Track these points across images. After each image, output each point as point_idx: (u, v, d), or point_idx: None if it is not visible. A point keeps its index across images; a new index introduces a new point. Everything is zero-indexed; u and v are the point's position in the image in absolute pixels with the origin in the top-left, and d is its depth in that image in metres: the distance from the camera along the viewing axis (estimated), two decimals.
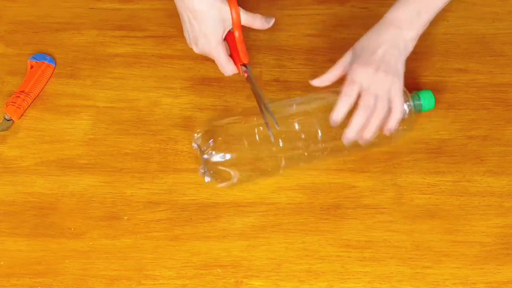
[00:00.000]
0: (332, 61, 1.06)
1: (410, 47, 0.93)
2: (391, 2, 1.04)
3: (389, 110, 0.90)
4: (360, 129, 0.89)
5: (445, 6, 0.96)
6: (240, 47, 0.98)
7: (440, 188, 0.94)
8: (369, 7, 1.12)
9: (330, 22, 1.11)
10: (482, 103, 1.02)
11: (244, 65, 0.99)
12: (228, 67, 0.99)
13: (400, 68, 0.91)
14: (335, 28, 1.10)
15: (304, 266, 0.89)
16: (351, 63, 0.92)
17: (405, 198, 0.94)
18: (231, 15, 0.96)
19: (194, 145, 0.93)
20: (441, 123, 1.00)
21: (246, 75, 0.99)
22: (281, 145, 0.91)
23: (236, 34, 0.97)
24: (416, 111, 0.97)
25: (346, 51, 1.04)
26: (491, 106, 1.02)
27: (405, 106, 0.94)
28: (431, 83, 1.04)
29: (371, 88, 0.89)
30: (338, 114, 0.88)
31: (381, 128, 0.91)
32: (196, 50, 0.98)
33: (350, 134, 0.89)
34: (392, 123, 0.91)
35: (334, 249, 0.90)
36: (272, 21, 1.00)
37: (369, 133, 0.89)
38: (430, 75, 1.05)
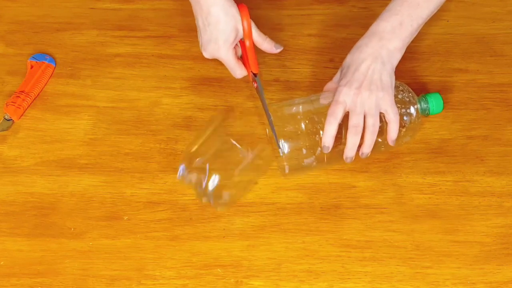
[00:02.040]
0: (332, 61, 1.06)
1: (396, 56, 0.93)
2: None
3: (385, 123, 0.92)
4: (356, 147, 0.91)
5: (444, 6, 0.96)
6: (250, 56, 0.96)
7: (440, 188, 0.94)
8: (369, 7, 1.12)
9: (330, 22, 1.11)
10: (482, 103, 1.02)
11: (254, 74, 0.98)
12: (237, 71, 0.97)
13: (386, 79, 0.92)
14: (335, 28, 1.10)
15: (304, 266, 0.89)
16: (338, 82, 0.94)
17: (405, 198, 0.94)
18: (243, 25, 0.94)
19: (184, 178, 0.92)
20: (441, 123, 1.00)
21: (255, 85, 0.98)
22: (286, 151, 0.91)
23: (247, 43, 0.96)
24: (424, 114, 0.96)
25: (346, 51, 1.04)
26: (491, 106, 1.02)
27: (412, 110, 0.94)
28: (431, 83, 1.04)
29: (357, 107, 0.90)
30: (327, 139, 0.91)
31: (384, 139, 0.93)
32: (206, 54, 0.96)
33: (348, 153, 0.92)
34: (391, 134, 0.92)
35: (334, 249, 0.90)
36: (281, 48, 0.98)
37: (366, 149, 0.92)
38: (430, 75, 1.05)
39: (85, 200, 0.94)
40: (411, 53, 0.95)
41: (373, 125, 0.91)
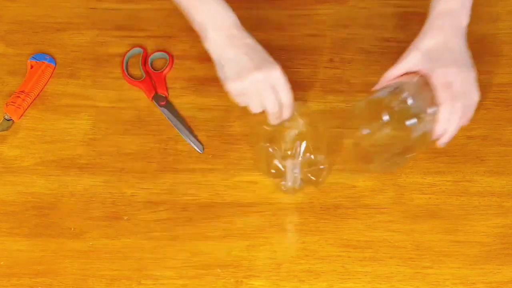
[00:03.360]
0: (332, 61, 1.06)
1: (465, 34, 0.92)
2: (390, 2, 1.04)
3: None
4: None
5: None
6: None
7: (440, 188, 0.94)
8: (369, 7, 1.12)
9: (330, 22, 1.11)
10: (482, 103, 1.02)
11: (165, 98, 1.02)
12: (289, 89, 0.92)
13: (470, 55, 0.91)
14: (335, 28, 1.10)
15: (304, 266, 0.89)
16: (426, 66, 0.90)
17: (405, 198, 0.94)
18: None
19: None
20: None
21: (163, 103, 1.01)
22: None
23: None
24: None
25: (346, 51, 1.03)
26: (491, 106, 1.02)
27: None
28: None
29: (460, 88, 0.88)
30: (443, 128, 0.89)
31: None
32: (257, 75, 0.89)
33: (447, 138, 0.90)
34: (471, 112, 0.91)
35: (334, 249, 0.90)
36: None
37: (458, 129, 0.90)
38: None
39: (85, 200, 0.94)
40: None
41: (473, 105, 0.89)
